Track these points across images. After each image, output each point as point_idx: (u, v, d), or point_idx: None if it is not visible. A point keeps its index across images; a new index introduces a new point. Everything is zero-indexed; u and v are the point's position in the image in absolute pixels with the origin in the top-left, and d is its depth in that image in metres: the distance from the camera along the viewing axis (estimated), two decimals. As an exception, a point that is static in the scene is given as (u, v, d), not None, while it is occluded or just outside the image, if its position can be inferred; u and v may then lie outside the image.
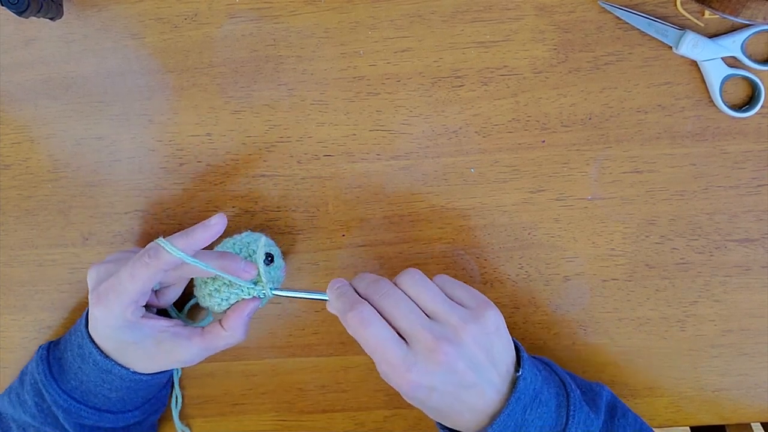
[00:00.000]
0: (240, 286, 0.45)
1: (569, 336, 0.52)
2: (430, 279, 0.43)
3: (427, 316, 0.41)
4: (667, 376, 0.52)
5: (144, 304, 0.44)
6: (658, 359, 0.52)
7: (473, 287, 0.43)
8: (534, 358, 0.46)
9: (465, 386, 0.39)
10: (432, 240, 0.51)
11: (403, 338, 0.40)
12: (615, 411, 0.46)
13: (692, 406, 0.53)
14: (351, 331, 0.40)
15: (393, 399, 0.54)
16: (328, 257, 0.51)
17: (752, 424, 0.54)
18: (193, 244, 0.42)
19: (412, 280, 0.42)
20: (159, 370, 0.46)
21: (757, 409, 0.53)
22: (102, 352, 0.44)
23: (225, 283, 0.45)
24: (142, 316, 0.44)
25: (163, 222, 0.51)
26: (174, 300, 0.49)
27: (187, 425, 0.55)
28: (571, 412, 0.42)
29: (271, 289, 0.45)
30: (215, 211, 0.51)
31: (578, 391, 0.44)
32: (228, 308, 0.46)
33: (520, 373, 0.41)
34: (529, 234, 0.50)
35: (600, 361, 0.52)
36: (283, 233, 0.51)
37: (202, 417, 0.55)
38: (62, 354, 0.47)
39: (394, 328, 0.40)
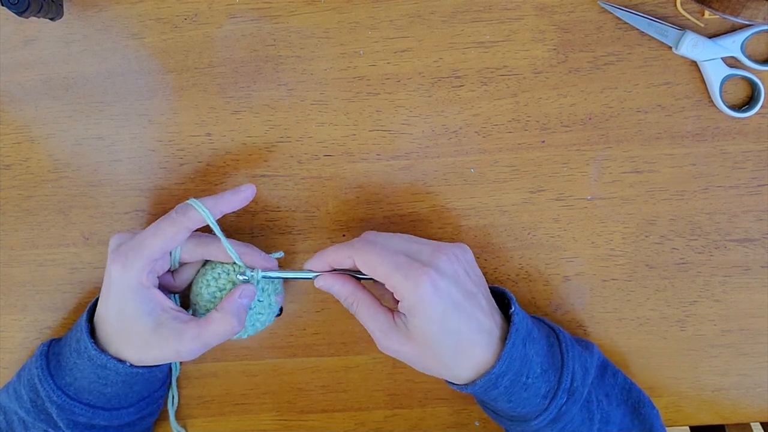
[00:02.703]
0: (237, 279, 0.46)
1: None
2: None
3: None
4: (667, 376, 0.52)
5: (161, 271, 0.45)
6: (658, 359, 0.52)
7: None
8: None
9: (469, 295, 0.42)
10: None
11: None
12: (606, 370, 0.48)
13: (692, 405, 0.53)
14: (359, 256, 0.42)
15: (393, 399, 0.54)
16: (328, 257, 0.51)
17: (752, 423, 0.55)
18: (221, 205, 0.44)
19: (384, 233, 0.45)
20: (153, 362, 0.45)
21: (756, 409, 0.53)
22: (97, 346, 0.44)
23: (226, 274, 0.46)
24: (155, 287, 0.44)
25: (164, 222, 0.51)
26: (189, 281, 0.48)
27: (187, 425, 0.55)
28: (564, 349, 0.44)
29: (262, 275, 0.46)
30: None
31: (568, 333, 0.46)
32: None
33: (512, 309, 0.43)
34: (529, 234, 0.50)
35: (600, 361, 0.52)
36: (283, 233, 0.51)
37: (203, 417, 0.55)
38: (61, 350, 0.47)
39: None
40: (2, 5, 0.41)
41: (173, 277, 0.48)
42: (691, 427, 0.59)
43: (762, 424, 0.55)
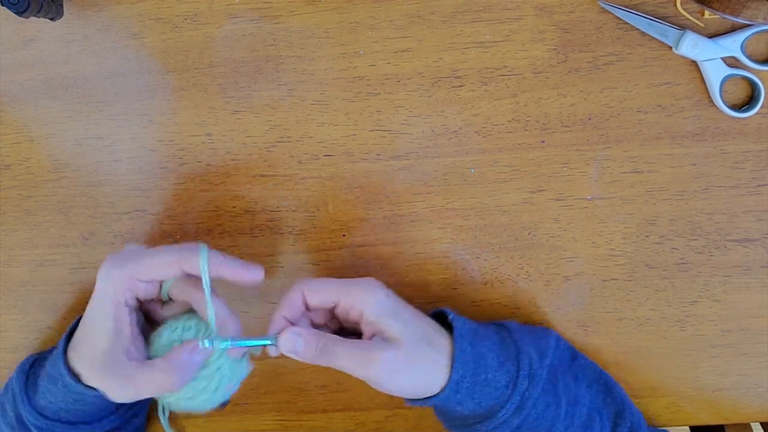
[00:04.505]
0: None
1: (569, 336, 0.52)
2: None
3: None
4: (667, 376, 0.52)
5: (145, 296, 0.43)
6: (658, 359, 0.52)
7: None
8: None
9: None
10: (432, 240, 0.51)
11: None
12: (576, 354, 0.50)
13: (692, 406, 0.53)
14: (308, 286, 0.44)
15: (393, 399, 0.54)
16: (328, 257, 0.51)
17: (752, 424, 0.55)
18: (224, 268, 0.42)
19: None
20: (94, 386, 0.43)
21: (756, 409, 0.53)
22: (72, 374, 0.42)
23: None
24: (127, 309, 0.42)
25: (163, 222, 0.51)
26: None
27: (187, 425, 0.55)
28: (516, 337, 0.45)
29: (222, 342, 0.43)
30: (215, 211, 0.51)
31: (515, 323, 0.48)
32: None
33: (450, 317, 0.45)
34: (529, 234, 0.50)
35: (600, 361, 0.52)
36: (283, 233, 0.51)
37: (203, 417, 0.55)
38: (40, 371, 0.46)
39: None
40: (2, 5, 0.41)
41: (161, 307, 0.46)
42: (691, 427, 0.59)
43: (762, 424, 0.55)
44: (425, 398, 0.44)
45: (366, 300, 0.43)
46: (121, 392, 0.42)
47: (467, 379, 0.43)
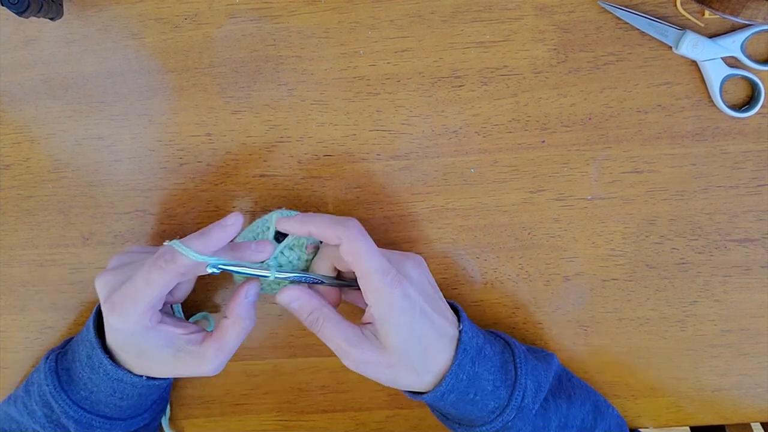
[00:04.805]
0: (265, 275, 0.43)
1: (569, 336, 0.52)
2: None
3: None
4: (667, 376, 0.52)
5: (161, 308, 0.44)
6: (658, 359, 0.52)
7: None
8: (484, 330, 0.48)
9: (430, 301, 0.43)
10: (432, 240, 0.51)
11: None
12: (563, 374, 0.49)
13: (692, 406, 0.53)
14: (351, 241, 0.42)
15: (394, 399, 0.54)
16: (329, 257, 0.51)
17: (752, 424, 0.55)
18: (209, 246, 0.41)
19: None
20: (179, 376, 0.45)
21: (757, 409, 0.53)
22: (113, 361, 0.44)
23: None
24: (160, 322, 0.43)
25: (163, 222, 0.51)
26: (186, 295, 0.48)
27: (187, 425, 0.55)
28: (518, 364, 0.45)
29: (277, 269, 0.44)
30: (215, 211, 0.51)
31: (523, 347, 0.47)
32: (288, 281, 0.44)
33: (461, 327, 0.44)
34: (529, 234, 0.50)
35: (600, 362, 0.52)
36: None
37: (204, 417, 0.55)
38: (70, 365, 0.46)
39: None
40: (2, 5, 0.41)
41: (170, 292, 0.46)
42: (692, 428, 0.59)
43: (762, 424, 0.55)
44: (407, 392, 0.45)
45: (378, 299, 0.41)
46: (214, 365, 0.43)
47: (454, 394, 0.43)
